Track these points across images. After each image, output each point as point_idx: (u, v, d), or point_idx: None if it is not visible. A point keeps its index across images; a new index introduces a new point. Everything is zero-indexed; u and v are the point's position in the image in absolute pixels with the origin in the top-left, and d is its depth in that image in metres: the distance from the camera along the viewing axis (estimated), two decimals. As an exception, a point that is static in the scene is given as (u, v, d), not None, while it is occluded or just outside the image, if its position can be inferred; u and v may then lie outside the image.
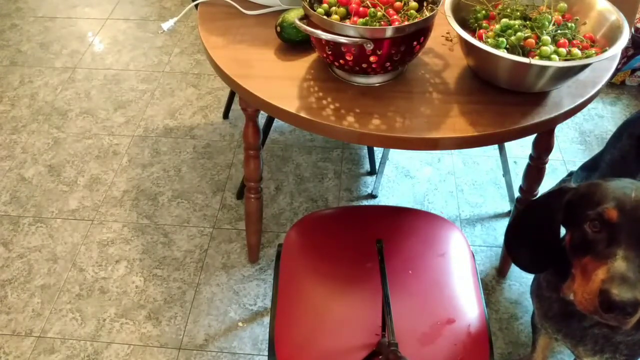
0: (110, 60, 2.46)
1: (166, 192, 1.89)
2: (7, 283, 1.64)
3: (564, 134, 2.11)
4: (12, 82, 2.34)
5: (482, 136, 1.06)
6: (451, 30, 1.29)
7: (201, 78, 2.36)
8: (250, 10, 1.36)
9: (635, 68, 2.26)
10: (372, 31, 1.03)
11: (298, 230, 1.18)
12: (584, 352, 1.01)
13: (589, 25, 1.14)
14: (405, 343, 0.98)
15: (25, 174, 1.96)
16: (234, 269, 1.67)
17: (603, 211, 0.81)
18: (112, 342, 1.50)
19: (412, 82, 1.17)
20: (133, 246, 1.73)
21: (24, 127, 2.14)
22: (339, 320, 1.02)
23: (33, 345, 1.50)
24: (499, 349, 1.50)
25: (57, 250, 1.72)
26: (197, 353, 1.48)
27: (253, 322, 1.55)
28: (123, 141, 2.08)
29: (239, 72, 1.18)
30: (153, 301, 1.60)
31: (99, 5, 2.81)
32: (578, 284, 0.84)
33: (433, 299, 1.06)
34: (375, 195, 1.88)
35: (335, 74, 1.19)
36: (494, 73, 1.11)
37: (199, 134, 2.10)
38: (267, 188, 1.91)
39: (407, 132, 1.06)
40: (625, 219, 0.79)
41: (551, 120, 1.10)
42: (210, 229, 1.78)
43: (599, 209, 0.81)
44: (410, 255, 1.13)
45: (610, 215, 0.80)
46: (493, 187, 1.91)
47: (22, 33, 2.62)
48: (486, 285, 1.64)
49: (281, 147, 2.06)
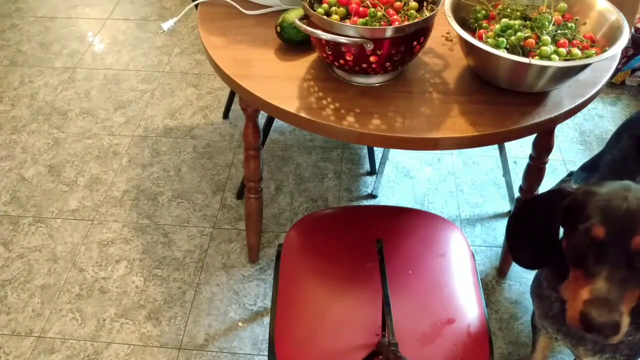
0: (110, 60, 2.46)
1: (166, 192, 1.89)
2: (7, 283, 1.64)
3: (564, 134, 2.11)
4: (12, 82, 2.34)
5: (482, 136, 1.06)
6: (451, 30, 1.29)
7: (201, 78, 2.36)
8: (250, 10, 1.36)
9: (635, 68, 2.25)
10: (372, 31, 1.03)
11: (298, 230, 1.18)
12: (584, 352, 1.01)
13: (589, 25, 1.14)
14: (405, 343, 0.98)
15: (25, 174, 1.96)
16: (234, 269, 1.67)
17: (590, 228, 0.80)
18: (112, 342, 1.50)
19: (412, 82, 1.17)
20: (133, 246, 1.73)
21: (24, 127, 2.14)
22: (339, 320, 1.02)
23: (33, 345, 1.50)
24: (499, 349, 1.50)
25: (57, 250, 1.72)
26: (197, 353, 1.48)
27: (253, 322, 1.55)
28: (123, 141, 2.08)
29: (239, 72, 1.18)
30: (153, 301, 1.60)
31: (99, 5, 2.81)
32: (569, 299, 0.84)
33: (433, 299, 1.06)
34: (375, 195, 1.88)
35: (335, 74, 1.19)
36: (494, 73, 1.11)
37: (199, 134, 2.10)
38: (267, 188, 1.91)
39: (407, 132, 1.06)
40: (611, 236, 0.78)
41: (551, 120, 1.10)
42: (210, 229, 1.78)
43: (587, 225, 0.80)
44: (410, 255, 1.13)
45: (597, 233, 0.79)
46: (493, 187, 1.91)
47: (22, 33, 2.62)
48: (486, 285, 1.64)
49: (281, 147, 2.06)
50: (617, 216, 0.78)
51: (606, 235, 0.78)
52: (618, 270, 0.77)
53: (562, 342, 1.06)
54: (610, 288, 0.76)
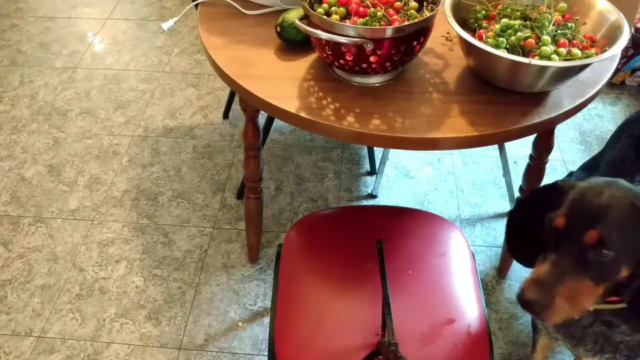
0: (110, 60, 2.46)
1: (166, 192, 1.89)
2: (7, 283, 1.64)
3: (564, 134, 2.11)
4: (12, 82, 2.34)
5: (482, 136, 1.06)
6: (451, 30, 1.29)
7: (201, 78, 2.36)
8: (250, 10, 1.36)
9: (635, 68, 2.26)
10: (372, 31, 1.03)
11: (298, 230, 1.18)
12: (584, 353, 1.01)
13: (589, 25, 1.14)
14: (405, 343, 0.98)
15: (25, 174, 1.96)
16: (234, 269, 1.67)
17: (554, 217, 0.83)
18: (112, 342, 1.50)
19: (412, 82, 1.17)
20: (133, 246, 1.73)
21: (24, 127, 2.14)
22: (339, 320, 1.02)
23: (33, 345, 1.50)
24: (499, 349, 1.50)
25: (57, 250, 1.72)
26: (197, 353, 1.48)
27: (253, 322, 1.55)
28: (123, 141, 2.08)
29: (239, 72, 1.18)
30: (153, 301, 1.60)
31: (99, 5, 2.81)
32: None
33: (433, 299, 1.06)
34: (375, 195, 1.88)
35: (335, 74, 1.19)
36: (494, 73, 1.11)
37: (199, 134, 2.10)
38: (267, 188, 1.91)
39: (407, 132, 1.06)
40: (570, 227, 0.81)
41: (551, 120, 1.10)
42: (210, 229, 1.78)
43: (554, 214, 0.84)
44: (410, 255, 1.13)
45: (557, 223, 0.83)
46: (493, 187, 1.91)
47: (22, 33, 2.62)
48: (486, 285, 1.64)
49: (281, 147, 2.06)
50: (581, 209, 0.82)
51: (565, 226, 0.82)
52: (566, 259, 0.81)
53: (563, 342, 1.06)
54: (551, 272, 0.81)
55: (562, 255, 0.81)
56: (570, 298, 0.80)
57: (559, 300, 0.80)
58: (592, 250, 0.79)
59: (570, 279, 0.80)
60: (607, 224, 0.79)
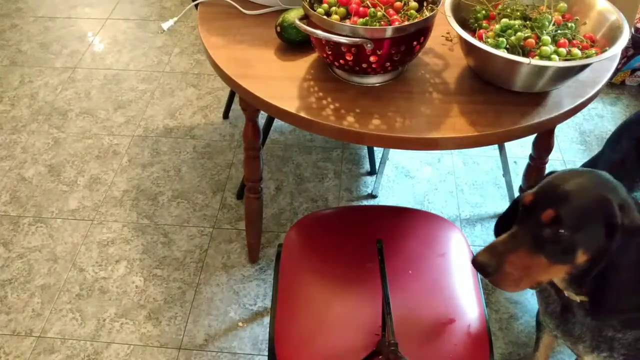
0: (110, 60, 2.46)
1: (166, 192, 1.89)
2: (7, 283, 1.64)
3: (564, 134, 2.11)
4: (12, 82, 2.34)
5: (482, 136, 1.06)
6: (451, 30, 1.29)
7: (201, 78, 2.36)
8: (250, 10, 1.36)
9: (635, 68, 2.26)
10: (372, 31, 1.03)
11: (298, 230, 1.18)
12: (584, 350, 1.01)
13: (589, 25, 1.14)
14: (405, 343, 0.98)
15: (25, 174, 1.96)
16: (234, 269, 1.67)
17: (524, 195, 0.88)
18: (112, 342, 1.50)
19: (412, 82, 1.17)
20: (133, 246, 1.73)
21: (24, 127, 2.14)
22: (339, 320, 1.02)
23: (33, 345, 1.50)
24: (499, 349, 1.50)
25: (57, 250, 1.72)
26: (197, 353, 1.48)
27: (253, 322, 1.55)
28: (123, 141, 2.08)
29: (239, 72, 1.18)
30: (153, 301, 1.60)
31: (99, 5, 2.81)
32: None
33: (433, 299, 1.06)
34: (375, 195, 1.88)
35: (335, 74, 1.19)
36: (494, 73, 1.11)
37: (199, 134, 2.10)
38: (267, 188, 1.91)
39: (407, 132, 1.06)
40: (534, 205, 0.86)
41: (551, 120, 1.10)
42: (210, 229, 1.78)
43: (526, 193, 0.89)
44: (410, 255, 1.13)
45: (526, 200, 0.88)
46: (493, 187, 1.91)
47: (22, 33, 2.62)
48: (486, 285, 1.64)
49: (281, 147, 2.06)
50: (548, 190, 0.86)
51: (531, 203, 0.87)
52: (524, 232, 0.86)
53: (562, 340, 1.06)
54: (506, 242, 0.87)
55: (522, 228, 0.87)
56: (521, 268, 0.86)
57: (508, 267, 0.85)
58: (548, 228, 0.83)
59: (523, 249, 0.86)
60: (567, 207, 0.83)
